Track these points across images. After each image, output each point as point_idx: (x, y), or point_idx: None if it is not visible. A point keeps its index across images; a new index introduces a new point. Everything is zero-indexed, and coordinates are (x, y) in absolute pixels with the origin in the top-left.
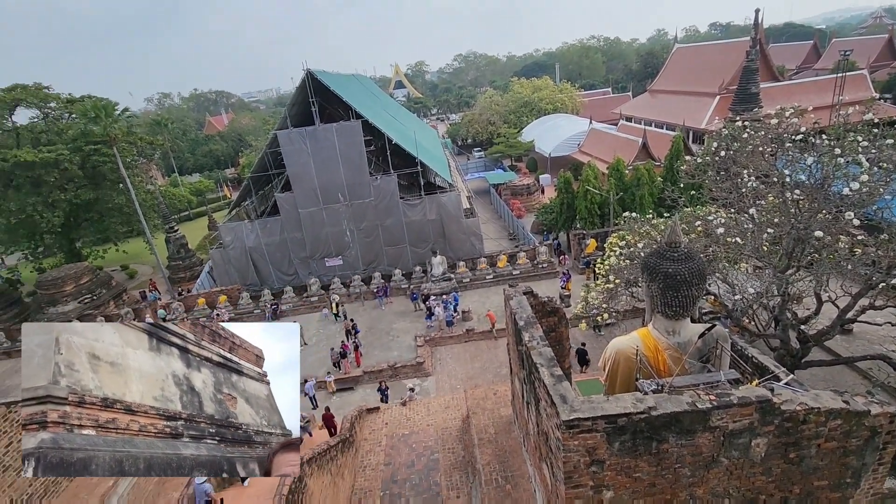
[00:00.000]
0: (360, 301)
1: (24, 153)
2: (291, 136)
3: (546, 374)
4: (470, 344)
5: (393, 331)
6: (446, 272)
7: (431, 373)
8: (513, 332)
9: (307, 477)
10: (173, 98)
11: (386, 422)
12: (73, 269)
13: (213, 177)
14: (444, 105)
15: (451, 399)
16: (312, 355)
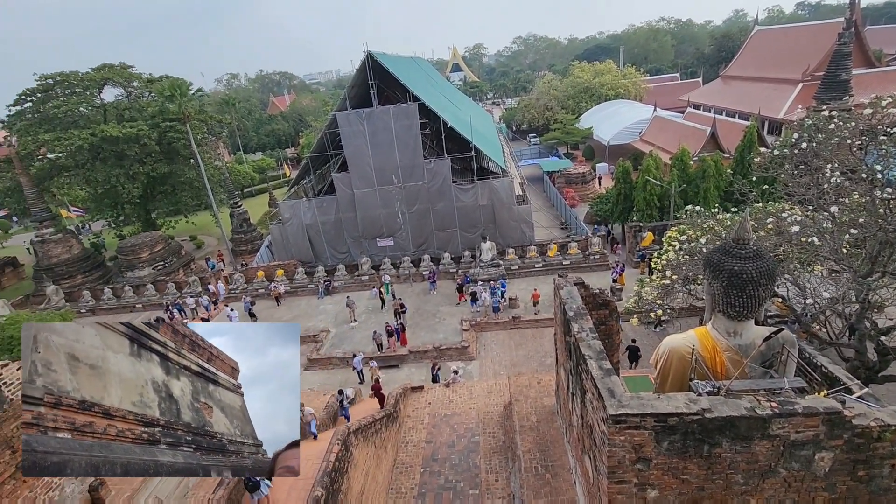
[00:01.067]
0: (408, 282)
1: (110, 128)
2: (350, 118)
3: (594, 367)
4: (515, 331)
5: (439, 313)
6: (495, 258)
7: (475, 357)
8: (561, 322)
9: (353, 447)
10: (240, 79)
11: (429, 401)
12: (149, 238)
13: (275, 155)
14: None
15: (494, 384)
16: (360, 332)
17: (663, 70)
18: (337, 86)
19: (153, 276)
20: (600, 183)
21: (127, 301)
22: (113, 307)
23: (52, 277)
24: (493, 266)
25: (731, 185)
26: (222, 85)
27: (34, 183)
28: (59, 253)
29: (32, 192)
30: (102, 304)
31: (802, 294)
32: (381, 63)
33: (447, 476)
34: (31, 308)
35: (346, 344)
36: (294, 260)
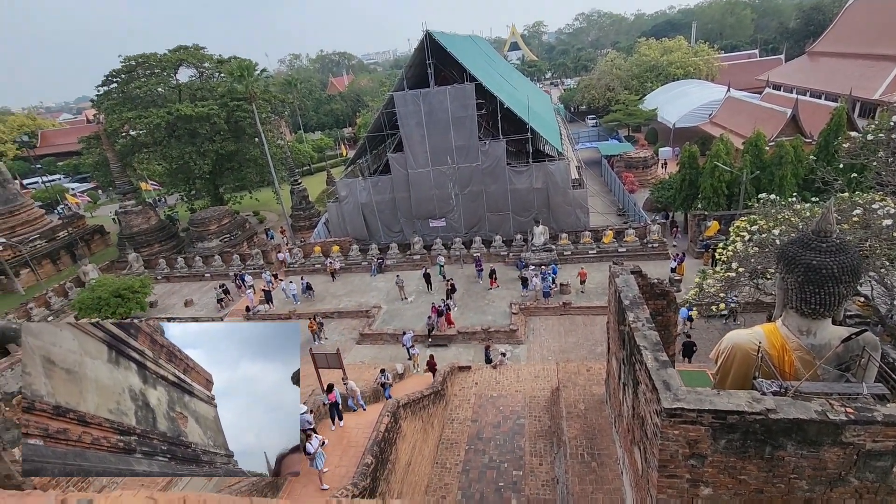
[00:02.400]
0: (459, 264)
1: (184, 107)
2: (406, 98)
3: (649, 358)
4: (565, 318)
5: (489, 295)
6: (547, 243)
7: (523, 341)
8: (615, 310)
9: (402, 419)
10: (302, 59)
11: (476, 381)
12: (217, 212)
13: (333, 135)
14: (559, 68)
15: (542, 369)
16: (411, 310)
17: (740, 47)
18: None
19: (220, 248)
20: (664, 168)
21: (196, 270)
22: (184, 275)
23: (133, 245)
24: (545, 251)
25: (812, 172)
26: (285, 65)
27: (119, 158)
28: (139, 223)
29: (117, 166)
30: (175, 271)
31: (889, 294)
32: (439, 42)
33: (491, 455)
34: (116, 273)
35: (396, 321)
36: (349, 237)
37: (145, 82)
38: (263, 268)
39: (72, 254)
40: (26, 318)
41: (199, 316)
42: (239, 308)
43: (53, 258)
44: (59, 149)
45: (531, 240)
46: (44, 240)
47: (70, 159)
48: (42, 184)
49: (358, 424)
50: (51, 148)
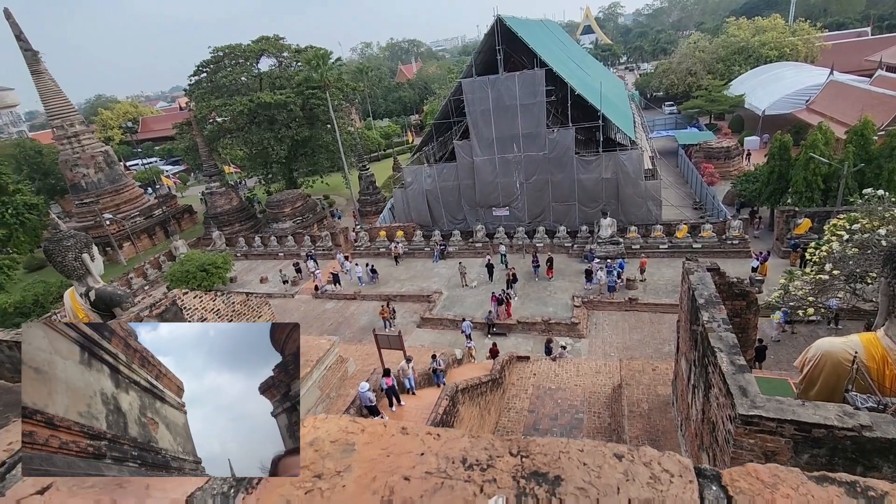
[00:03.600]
0: (521, 253)
1: (264, 95)
2: (474, 85)
3: (725, 361)
4: (631, 314)
5: (550, 287)
6: (614, 235)
7: (585, 335)
8: (688, 309)
9: (459, 404)
10: (373, 48)
11: (534, 372)
12: (291, 195)
13: (400, 122)
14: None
15: (604, 365)
16: (472, 297)
17: (848, 24)
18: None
19: (293, 229)
20: (748, 159)
21: (271, 249)
22: (261, 254)
23: (217, 224)
24: (612, 244)
25: None
26: (357, 54)
27: (206, 143)
28: (222, 204)
29: (205, 150)
30: (252, 250)
31: None
32: (509, 27)
33: None
34: (202, 248)
35: (456, 307)
36: (413, 223)
37: (231, 72)
38: (332, 249)
39: (165, 230)
40: (127, 286)
41: (272, 292)
42: (308, 287)
43: (150, 233)
44: (156, 134)
45: (597, 232)
46: (142, 217)
47: (165, 144)
48: (141, 166)
49: (417, 407)
50: (149, 133)
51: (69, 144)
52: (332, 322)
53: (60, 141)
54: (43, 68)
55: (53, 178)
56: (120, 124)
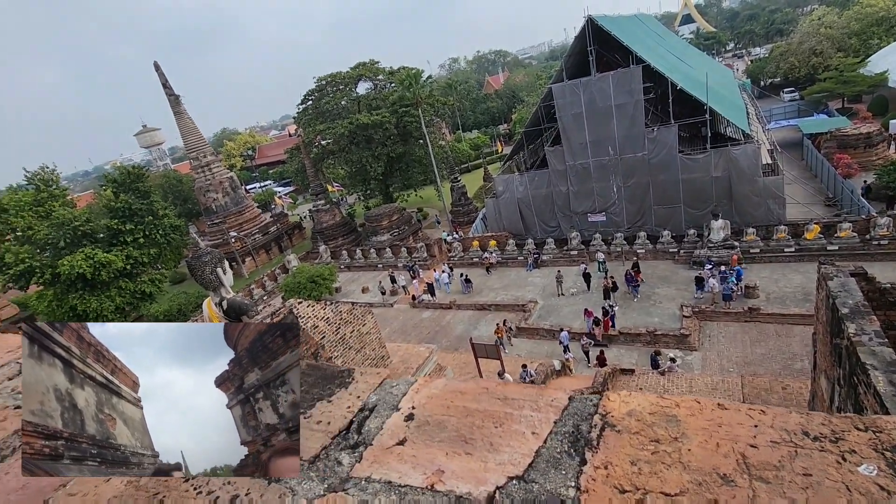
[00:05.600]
0: (620, 260)
1: (362, 117)
2: (565, 89)
3: (881, 381)
4: (752, 325)
5: (655, 295)
6: (728, 238)
7: (697, 348)
8: (827, 320)
9: None
10: (460, 62)
11: (640, 387)
12: (387, 209)
13: (489, 132)
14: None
15: (721, 381)
16: (568, 306)
17: None
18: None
19: (390, 241)
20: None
21: (371, 261)
22: (361, 265)
23: (323, 239)
24: (725, 248)
25: None
26: (445, 70)
27: (313, 164)
28: (327, 220)
29: (311, 171)
30: (354, 262)
31: None
32: (601, 27)
33: None
34: (310, 262)
35: (552, 317)
36: (506, 232)
37: (332, 98)
38: (427, 260)
39: (279, 245)
40: (249, 296)
41: (373, 301)
42: (406, 297)
43: (267, 249)
44: (269, 159)
45: (708, 235)
46: (260, 234)
47: (278, 167)
48: (259, 188)
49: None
50: (264, 159)
51: (202, 173)
52: (429, 331)
53: (196, 170)
54: (183, 109)
55: (190, 203)
56: (241, 153)
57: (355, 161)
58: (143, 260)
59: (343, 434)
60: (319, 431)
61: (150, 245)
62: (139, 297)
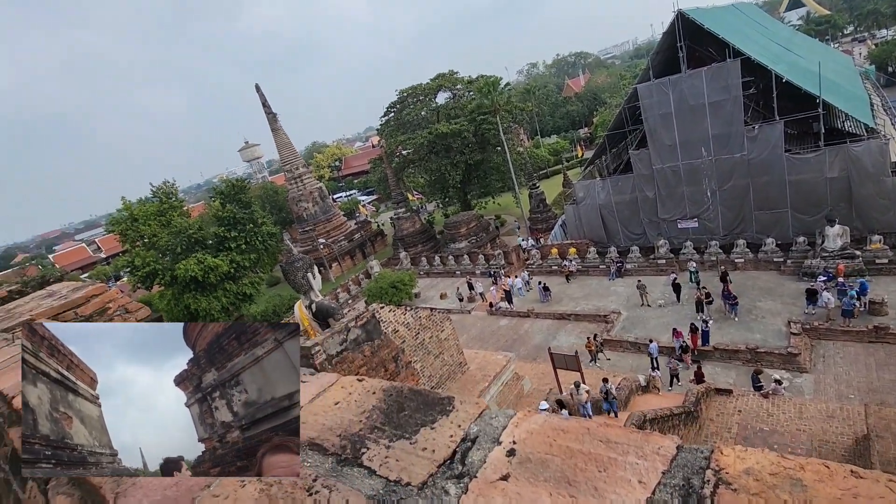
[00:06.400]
0: (716, 270)
1: (441, 126)
2: (652, 88)
3: None
4: (879, 346)
5: (756, 309)
6: (847, 247)
7: (808, 369)
8: None
9: None
10: (538, 67)
11: (739, 409)
12: (465, 216)
13: (568, 137)
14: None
15: (838, 409)
16: (656, 318)
17: None
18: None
19: (468, 248)
20: None
21: (449, 268)
22: (440, 272)
23: (403, 246)
24: (845, 257)
25: None
26: (523, 75)
27: (394, 174)
28: (407, 227)
29: (393, 180)
30: (433, 268)
31: None
32: (693, 20)
33: None
34: (391, 268)
35: (638, 328)
36: (586, 239)
37: (413, 109)
38: (504, 267)
39: (363, 252)
40: (335, 300)
41: (451, 308)
42: (483, 304)
43: (351, 255)
44: (354, 170)
45: (822, 243)
46: (346, 241)
47: (362, 177)
48: (344, 197)
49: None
50: (349, 169)
51: (295, 184)
52: (507, 339)
53: (289, 182)
54: (279, 126)
55: (284, 212)
56: (328, 164)
57: (434, 169)
58: (244, 264)
59: (447, 463)
60: (425, 458)
61: (251, 251)
62: (241, 299)
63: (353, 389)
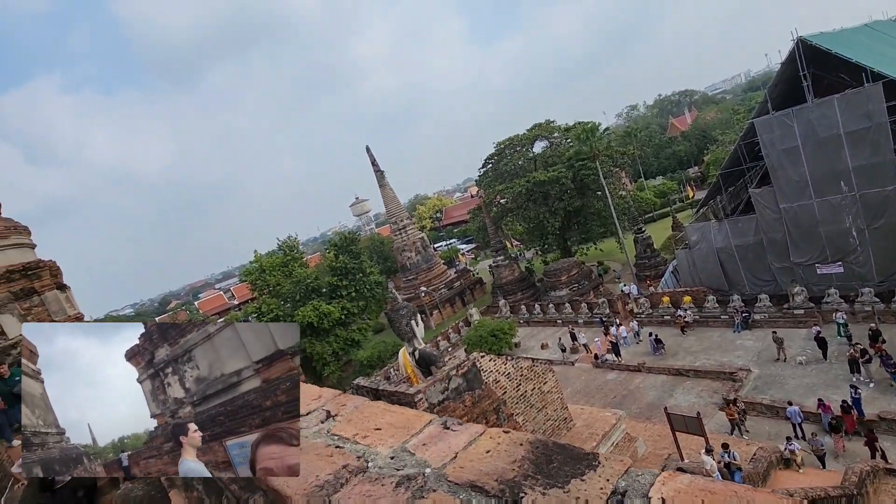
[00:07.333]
0: (872, 320)
1: (539, 174)
2: (772, 122)
3: None
4: None
5: None
6: None
7: None
8: None
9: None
10: (639, 108)
11: None
12: (566, 263)
13: (676, 178)
14: None
15: None
16: (795, 378)
17: None
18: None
19: (569, 296)
20: None
21: (550, 316)
22: (540, 321)
23: (503, 293)
24: None
25: None
26: (622, 118)
27: (493, 222)
28: (506, 275)
29: (492, 229)
30: (533, 317)
31: None
32: (817, 47)
33: None
34: (491, 316)
35: (773, 389)
36: (703, 287)
37: (510, 159)
38: (609, 316)
39: (462, 299)
40: (436, 347)
41: (552, 359)
42: (587, 356)
43: (451, 303)
44: (454, 220)
45: None
46: (446, 289)
47: (461, 227)
48: (444, 246)
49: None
50: (449, 219)
51: (399, 235)
52: (616, 395)
53: (394, 233)
54: (386, 182)
55: (389, 262)
56: (430, 215)
57: (532, 217)
58: (353, 311)
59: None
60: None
61: (360, 298)
62: (350, 344)
63: (500, 440)
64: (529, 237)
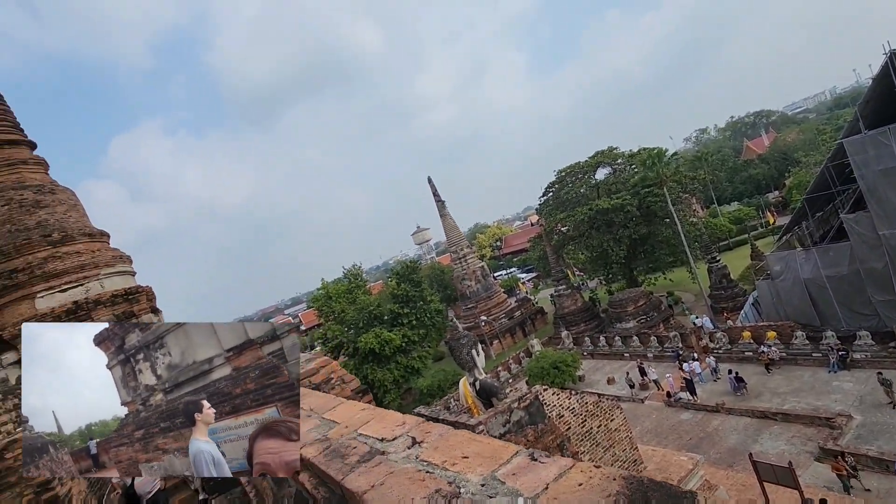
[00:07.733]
0: None
1: (602, 202)
2: (865, 142)
3: None
4: None
5: None
6: None
7: None
8: None
9: None
10: (709, 132)
11: None
12: (633, 293)
13: (753, 203)
14: None
15: None
16: None
17: None
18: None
19: (637, 329)
20: None
21: (616, 349)
22: (605, 353)
23: (565, 324)
24: None
25: None
26: (691, 143)
27: (554, 251)
28: (568, 305)
29: (553, 257)
30: (598, 349)
31: None
32: None
33: None
34: (553, 347)
35: (881, 439)
36: (790, 321)
37: (571, 187)
38: (682, 350)
39: (523, 329)
40: (496, 378)
41: (620, 395)
42: (659, 393)
43: (512, 332)
44: (514, 248)
45: None
46: (507, 318)
47: (521, 255)
48: (504, 275)
49: None
50: (509, 248)
51: (459, 264)
52: (692, 437)
53: (454, 262)
54: (447, 212)
55: (449, 290)
56: (490, 244)
57: (596, 245)
58: (414, 339)
59: None
60: None
61: (420, 326)
62: (410, 371)
63: (592, 474)
64: (592, 266)
